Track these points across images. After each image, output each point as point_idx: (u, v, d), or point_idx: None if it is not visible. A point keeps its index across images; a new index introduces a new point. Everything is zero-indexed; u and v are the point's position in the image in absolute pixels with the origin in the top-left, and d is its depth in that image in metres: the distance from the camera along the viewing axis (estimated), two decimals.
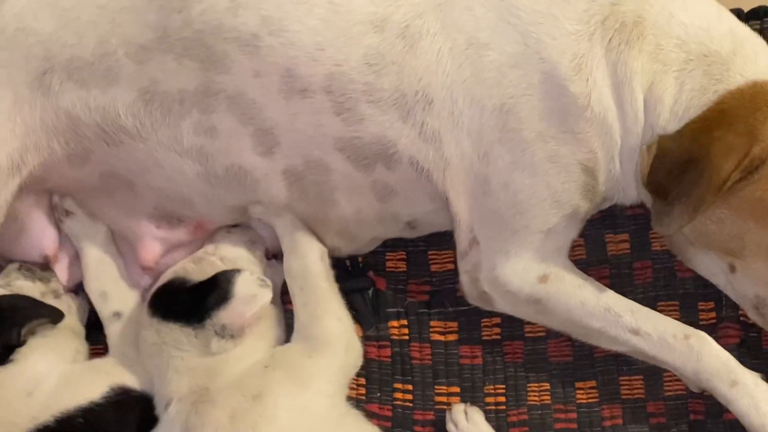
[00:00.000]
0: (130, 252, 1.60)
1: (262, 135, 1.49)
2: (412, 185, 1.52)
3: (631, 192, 1.52)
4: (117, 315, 1.57)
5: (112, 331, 1.57)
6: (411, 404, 1.60)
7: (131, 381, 1.50)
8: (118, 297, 1.58)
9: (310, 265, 1.58)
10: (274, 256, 1.66)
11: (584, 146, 1.46)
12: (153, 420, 1.49)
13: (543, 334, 1.61)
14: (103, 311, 1.58)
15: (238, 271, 1.49)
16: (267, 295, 1.47)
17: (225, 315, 1.45)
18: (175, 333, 1.47)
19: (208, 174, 1.53)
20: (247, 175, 1.53)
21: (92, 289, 1.59)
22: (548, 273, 1.52)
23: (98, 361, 1.55)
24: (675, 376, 1.53)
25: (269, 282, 1.49)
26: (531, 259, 1.52)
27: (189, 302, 1.48)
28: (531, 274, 1.52)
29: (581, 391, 1.57)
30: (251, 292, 1.46)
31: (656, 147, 1.43)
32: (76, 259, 1.63)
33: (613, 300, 1.52)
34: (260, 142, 1.50)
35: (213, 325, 1.46)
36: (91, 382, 1.49)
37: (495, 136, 1.47)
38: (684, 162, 1.39)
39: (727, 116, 1.39)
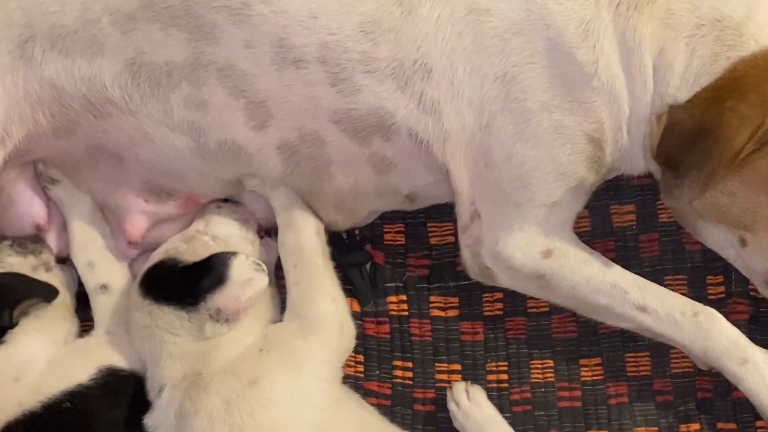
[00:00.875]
0: (116, 226, 1.56)
1: (255, 108, 1.44)
2: (410, 157, 1.48)
3: (639, 162, 1.48)
4: (104, 287, 1.53)
5: (99, 304, 1.52)
6: (411, 382, 1.57)
7: (119, 360, 1.47)
8: (104, 268, 1.54)
9: (306, 240, 1.53)
10: (267, 232, 1.62)
11: (591, 116, 1.41)
12: (145, 400, 1.45)
13: (546, 309, 1.57)
14: (90, 282, 1.54)
15: (233, 253, 1.45)
16: (263, 279, 1.43)
17: (220, 299, 1.42)
18: (168, 316, 1.43)
19: (201, 149, 1.49)
20: (240, 150, 1.48)
21: (79, 258, 1.54)
22: (552, 248, 1.48)
23: (84, 342, 1.51)
24: (682, 353, 1.50)
25: (264, 266, 1.45)
26: (534, 234, 1.48)
27: (182, 284, 1.44)
28: (534, 249, 1.48)
29: (586, 369, 1.54)
30: (247, 276, 1.42)
31: (666, 117, 1.38)
32: (65, 228, 1.58)
33: (619, 276, 1.48)
34: (253, 116, 1.45)
35: (207, 309, 1.42)
36: (78, 365, 1.45)
37: (497, 106, 1.42)
38: (695, 133, 1.35)
39: (740, 85, 1.34)
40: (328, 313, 1.48)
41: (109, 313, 1.51)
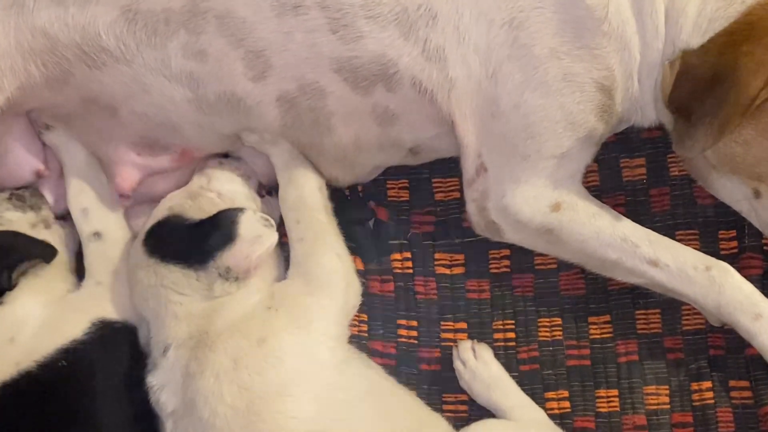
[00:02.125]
0: (107, 178, 1.54)
1: (253, 58, 1.42)
2: (414, 108, 1.45)
3: (650, 113, 1.45)
4: (97, 235, 1.51)
5: (91, 252, 1.50)
6: (416, 341, 1.55)
7: (111, 312, 1.45)
8: (99, 215, 1.52)
9: (307, 196, 1.51)
10: (267, 190, 1.60)
11: (601, 63, 1.39)
12: (141, 352, 1.44)
13: (554, 266, 1.55)
14: (84, 230, 1.52)
15: (241, 209, 1.43)
16: (272, 236, 1.41)
17: (230, 256, 1.39)
18: (175, 275, 1.41)
19: (199, 100, 1.46)
20: (239, 102, 1.46)
21: (73, 205, 1.52)
22: (561, 201, 1.45)
23: (75, 296, 1.49)
24: (694, 309, 1.48)
25: (273, 222, 1.44)
26: (543, 186, 1.45)
27: (190, 242, 1.42)
28: (543, 202, 1.46)
29: (595, 326, 1.52)
30: (256, 232, 1.40)
31: (679, 63, 1.35)
32: (62, 181, 1.56)
33: (630, 229, 1.45)
34: (252, 66, 1.42)
35: (217, 267, 1.40)
36: (71, 320, 1.43)
37: (504, 53, 1.39)
38: (709, 79, 1.32)
39: (755, 29, 1.31)
40: (334, 269, 1.45)
41: (102, 263, 1.49)
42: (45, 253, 1.47)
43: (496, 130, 1.44)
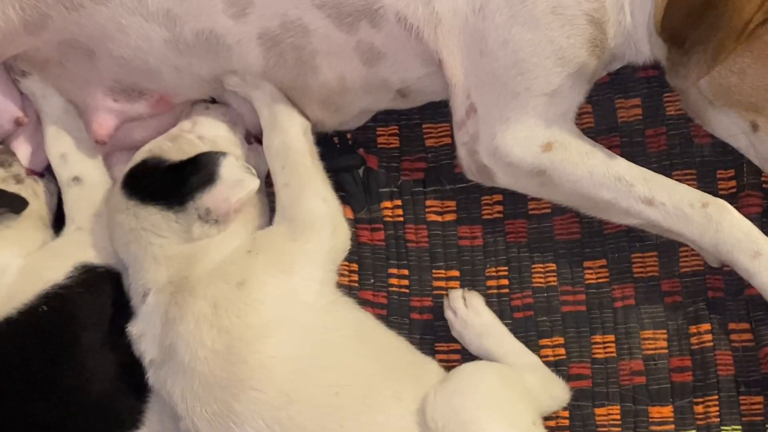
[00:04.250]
0: (84, 126, 1.54)
1: None
2: (400, 46, 1.45)
3: (644, 48, 1.45)
4: (76, 179, 1.52)
5: (71, 197, 1.51)
6: (407, 290, 1.55)
7: (94, 257, 1.45)
8: (77, 160, 1.52)
9: (292, 140, 1.51)
10: (256, 139, 1.60)
11: None
12: (125, 301, 1.43)
13: (548, 210, 1.55)
14: (63, 175, 1.52)
15: (222, 153, 1.43)
16: (254, 181, 1.42)
17: (210, 198, 1.40)
18: (155, 217, 1.41)
19: (177, 40, 1.46)
20: (219, 41, 1.46)
21: (52, 151, 1.53)
22: (553, 140, 1.45)
23: (56, 242, 1.49)
24: (692, 250, 1.48)
25: (254, 171, 1.44)
26: (534, 126, 1.45)
27: (169, 183, 1.42)
28: (534, 142, 1.45)
29: (590, 271, 1.52)
30: (237, 176, 1.41)
31: None
32: (39, 136, 1.56)
33: (624, 168, 1.45)
34: (232, 2, 1.42)
35: (196, 209, 1.40)
36: (52, 265, 1.44)
37: None
38: (701, 3, 1.31)
39: None
40: (319, 213, 1.45)
41: (82, 208, 1.50)
42: (13, 203, 1.47)
43: (485, 68, 1.43)
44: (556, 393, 1.43)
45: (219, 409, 1.33)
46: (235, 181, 1.41)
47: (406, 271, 1.56)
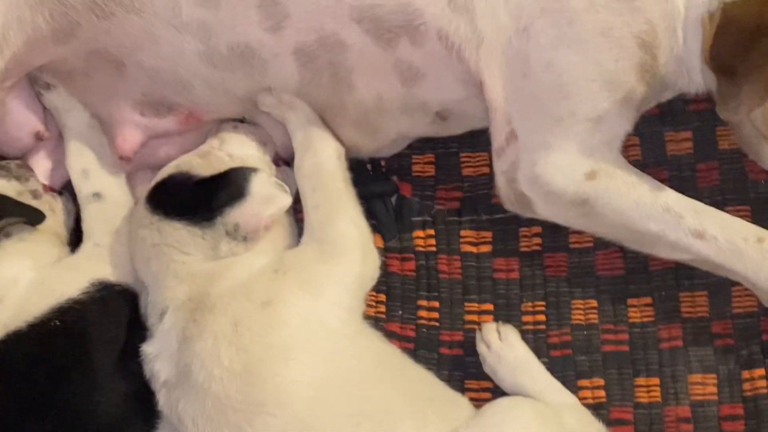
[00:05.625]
0: (108, 141, 1.52)
1: (270, 5, 1.40)
2: (441, 66, 1.42)
3: (697, 77, 1.41)
4: (97, 196, 1.49)
5: (90, 213, 1.48)
6: (437, 323, 1.50)
7: (111, 274, 1.41)
8: (99, 176, 1.50)
9: (325, 162, 1.48)
10: (285, 162, 1.57)
11: (641, 16, 1.35)
12: (141, 323, 1.39)
13: (590, 245, 1.50)
14: (83, 190, 1.50)
15: (254, 169, 1.40)
16: (286, 198, 1.38)
17: (239, 213, 1.36)
18: (180, 233, 1.38)
19: (211, 53, 1.44)
20: (254, 55, 1.44)
21: (73, 165, 1.51)
22: (597, 169, 1.40)
23: (73, 257, 1.46)
24: (745, 290, 1.42)
25: (287, 188, 1.40)
26: (577, 153, 1.40)
27: (197, 198, 1.39)
28: (577, 171, 1.40)
29: (634, 309, 1.46)
30: (269, 192, 1.38)
31: (720, 15, 1.31)
32: (59, 153, 1.55)
33: (673, 199, 1.40)
34: (268, 15, 1.41)
35: (225, 224, 1.37)
36: (68, 279, 1.40)
37: (537, 5, 1.36)
38: (752, 31, 1.28)
39: None
40: (349, 236, 1.41)
41: (101, 224, 1.47)
42: (30, 215, 1.44)
43: (527, 91, 1.40)
44: None
45: None
46: (267, 197, 1.38)
47: (436, 303, 1.51)
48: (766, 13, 1.27)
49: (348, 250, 1.40)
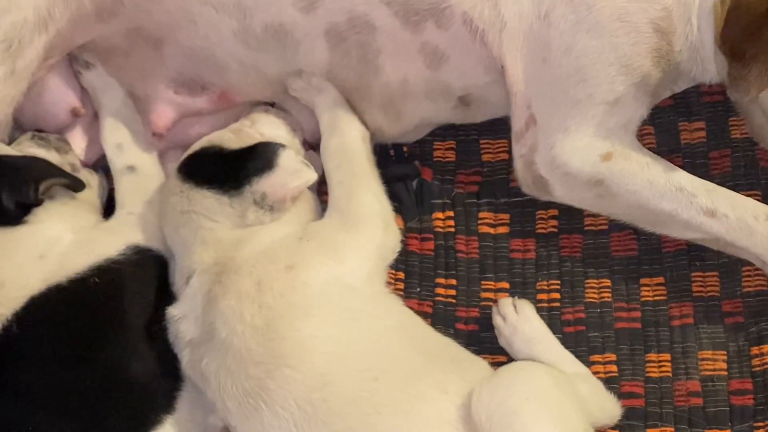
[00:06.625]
0: (143, 118, 1.59)
1: None
2: (465, 50, 1.50)
3: (710, 66, 1.48)
4: (131, 168, 1.56)
5: (124, 184, 1.55)
6: (454, 300, 1.55)
7: (145, 240, 1.47)
8: (133, 150, 1.57)
9: (350, 143, 1.55)
10: (311, 147, 1.64)
11: (657, 3, 1.43)
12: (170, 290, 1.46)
13: (605, 227, 1.55)
14: (117, 164, 1.57)
15: (282, 145, 1.47)
16: (311, 173, 1.45)
17: (267, 183, 1.43)
18: (209, 201, 1.44)
19: (246, 32, 1.52)
20: (287, 35, 1.52)
21: (108, 141, 1.58)
22: (612, 150, 1.47)
23: (110, 222, 1.52)
24: (755, 270, 1.47)
25: (313, 167, 1.47)
26: (593, 136, 1.47)
27: (226, 168, 1.46)
28: (593, 152, 1.47)
29: (647, 288, 1.50)
30: (295, 166, 1.44)
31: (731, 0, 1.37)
32: (93, 131, 1.61)
33: (686, 179, 1.46)
34: None
35: (252, 193, 1.43)
36: (106, 241, 1.46)
37: None
38: (762, 15, 1.35)
39: None
40: (372, 208, 1.47)
41: (134, 194, 1.53)
42: (73, 180, 1.51)
43: (547, 75, 1.47)
44: (607, 406, 1.40)
45: (251, 386, 1.32)
46: (294, 170, 1.44)
47: (453, 281, 1.56)
48: None
49: (370, 220, 1.46)
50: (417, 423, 1.28)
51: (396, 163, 1.63)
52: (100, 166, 1.65)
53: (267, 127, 1.58)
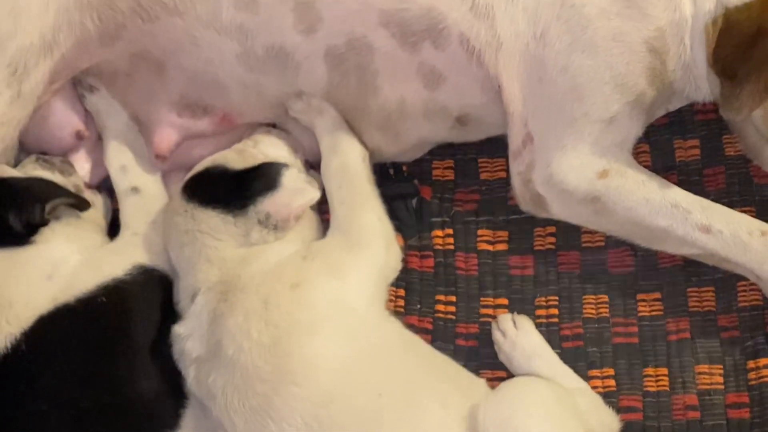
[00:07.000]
0: (145, 140, 1.62)
1: (304, 10, 1.52)
2: (462, 70, 1.53)
3: (703, 84, 1.51)
4: (135, 190, 1.59)
5: (128, 206, 1.58)
6: (454, 316, 1.57)
7: (150, 261, 1.50)
8: (137, 172, 1.60)
9: (350, 163, 1.58)
10: (311, 167, 1.67)
11: (651, 23, 1.46)
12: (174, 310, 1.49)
13: (602, 244, 1.58)
14: (121, 185, 1.60)
15: (285, 165, 1.51)
16: (315, 192, 1.48)
17: (271, 203, 1.46)
18: (213, 220, 1.47)
19: (248, 55, 1.55)
20: (288, 57, 1.55)
21: (112, 163, 1.61)
22: (608, 168, 1.50)
23: (115, 243, 1.55)
24: (750, 285, 1.50)
25: (316, 184, 1.51)
26: (589, 153, 1.50)
27: (231, 188, 1.49)
28: (589, 170, 1.50)
29: (644, 304, 1.53)
30: (299, 185, 1.48)
31: (722, 20, 1.42)
32: (97, 153, 1.64)
33: (681, 196, 1.49)
34: (302, 18, 1.52)
35: (257, 213, 1.46)
36: (113, 262, 1.49)
37: (553, 13, 1.48)
38: (753, 35, 1.39)
39: None
40: (374, 229, 1.50)
41: (138, 215, 1.56)
42: (78, 200, 1.54)
43: (543, 94, 1.50)
44: (606, 420, 1.42)
45: (258, 403, 1.34)
46: (297, 189, 1.48)
47: (453, 298, 1.58)
48: (764, 19, 1.37)
49: (372, 240, 1.49)
50: None
51: (395, 181, 1.66)
52: (105, 187, 1.67)
53: (269, 148, 1.62)
